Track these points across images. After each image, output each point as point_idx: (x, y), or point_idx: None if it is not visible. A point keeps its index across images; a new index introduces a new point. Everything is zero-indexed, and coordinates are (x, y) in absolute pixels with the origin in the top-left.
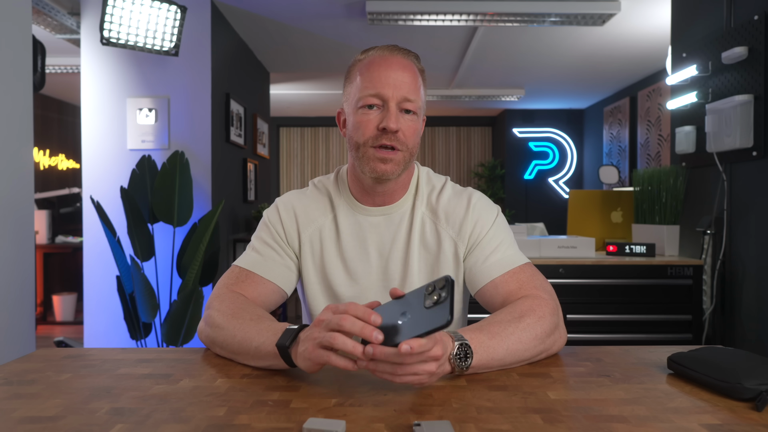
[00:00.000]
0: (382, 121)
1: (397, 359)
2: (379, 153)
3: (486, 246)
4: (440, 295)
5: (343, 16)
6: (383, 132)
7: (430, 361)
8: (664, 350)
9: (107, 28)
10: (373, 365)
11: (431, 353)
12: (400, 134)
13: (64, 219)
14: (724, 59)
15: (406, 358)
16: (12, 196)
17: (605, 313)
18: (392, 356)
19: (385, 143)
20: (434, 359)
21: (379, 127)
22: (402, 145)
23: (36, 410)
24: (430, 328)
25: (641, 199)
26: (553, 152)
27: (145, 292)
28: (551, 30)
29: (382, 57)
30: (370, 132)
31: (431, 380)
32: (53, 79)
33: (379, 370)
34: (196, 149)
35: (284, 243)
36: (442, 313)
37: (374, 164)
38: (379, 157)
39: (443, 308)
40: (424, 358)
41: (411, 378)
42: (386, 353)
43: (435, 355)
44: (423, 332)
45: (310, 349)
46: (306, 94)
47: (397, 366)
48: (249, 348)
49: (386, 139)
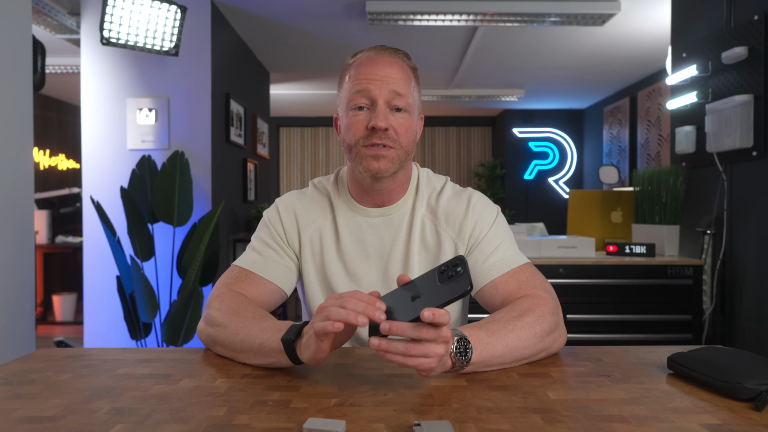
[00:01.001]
0: (371, 120)
1: (415, 333)
2: (371, 150)
3: (486, 246)
4: (455, 270)
5: (343, 16)
6: (373, 131)
7: (441, 342)
8: (664, 350)
9: (107, 28)
10: (386, 345)
11: (442, 332)
12: (391, 132)
13: (64, 219)
14: (724, 59)
15: (422, 333)
16: (12, 196)
17: (605, 313)
18: (410, 330)
19: (375, 142)
20: (444, 341)
21: (368, 127)
22: (394, 143)
23: (36, 410)
24: (451, 296)
25: (641, 199)
26: (553, 152)
27: (145, 292)
28: (551, 30)
29: (369, 57)
30: (360, 132)
31: (436, 370)
32: (53, 79)
33: (392, 351)
34: (196, 149)
35: (284, 243)
36: (461, 282)
37: (367, 162)
38: (371, 155)
39: (462, 279)
40: (435, 336)
41: (421, 360)
42: (403, 328)
43: (446, 336)
44: (444, 301)
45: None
46: (306, 94)
47: (411, 345)
48: (252, 345)
49: (376, 137)
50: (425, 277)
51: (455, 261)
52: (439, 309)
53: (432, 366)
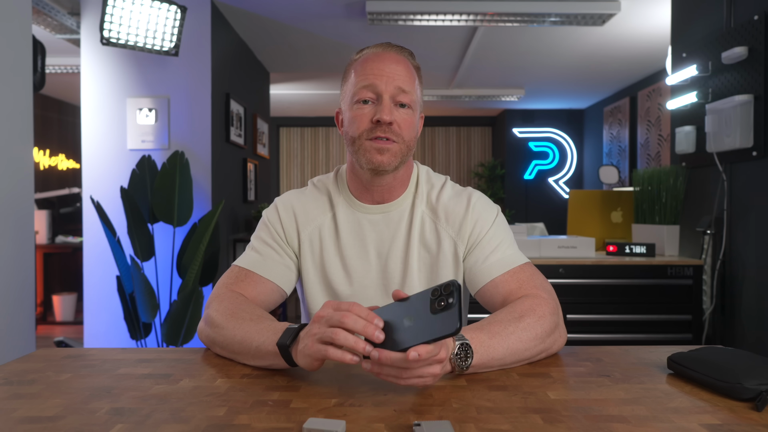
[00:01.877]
0: (376, 114)
1: (403, 365)
2: (375, 143)
3: (486, 246)
4: (447, 301)
5: (343, 16)
6: (377, 124)
7: (435, 364)
8: (664, 350)
9: (107, 28)
10: (378, 368)
11: (437, 357)
12: (395, 126)
13: (64, 219)
14: (724, 59)
15: (412, 364)
16: (12, 196)
17: (605, 313)
18: (399, 362)
19: (379, 135)
20: (439, 362)
21: (373, 120)
22: (397, 137)
23: (36, 410)
24: (438, 335)
25: (641, 199)
26: (553, 152)
27: (145, 292)
28: (551, 30)
29: (376, 53)
30: (365, 125)
31: (434, 381)
32: (53, 79)
33: (384, 374)
34: (196, 149)
35: (283, 242)
36: (450, 320)
37: (371, 155)
38: (375, 148)
39: (451, 315)
40: (429, 362)
41: (416, 381)
42: (392, 358)
43: (440, 358)
44: (431, 339)
45: (310, 344)
46: (306, 94)
47: (403, 370)
48: (249, 348)
49: (380, 131)
50: (419, 298)
51: (449, 288)
52: (426, 347)
53: (427, 383)
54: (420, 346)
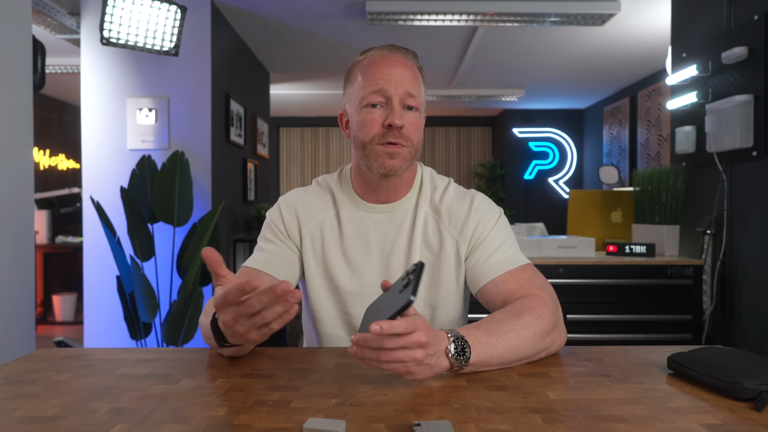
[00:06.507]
0: (387, 118)
1: (377, 344)
2: (387, 148)
3: (488, 246)
4: (408, 278)
5: (343, 16)
6: (389, 129)
7: (414, 347)
8: (664, 350)
9: (107, 28)
10: (361, 352)
11: (412, 338)
12: (404, 130)
13: (64, 219)
14: (724, 59)
15: (384, 342)
16: (12, 196)
17: (605, 313)
18: (371, 340)
19: (391, 140)
20: (418, 345)
21: (384, 124)
22: (407, 141)
23: (36, 410)
24: (395, 309)
25: (641, 199)
26: (553, 152)
27: (145, 292)
28: (551, 30)
29: (382, 56)
30: (376, 129)
31: (424, 372)
32: (53, 79)
33: (367, 357)
34: (196, 149)
35: (286, 237)
36: (406, 292)
37: (382, 160)
38: (387, 152)
39: (409, 289)
40: (404, 344)
41: (397, 366)
42: (366, 338)
43: (418, 341)
44: (391, 314)
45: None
46: (306, 94)
47: (381, 352)
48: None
49: (392, 136)
50: (396, 284)
51: (412, 267)
52: (389, 321)
53: (411, 370)
54: (382, 321)
